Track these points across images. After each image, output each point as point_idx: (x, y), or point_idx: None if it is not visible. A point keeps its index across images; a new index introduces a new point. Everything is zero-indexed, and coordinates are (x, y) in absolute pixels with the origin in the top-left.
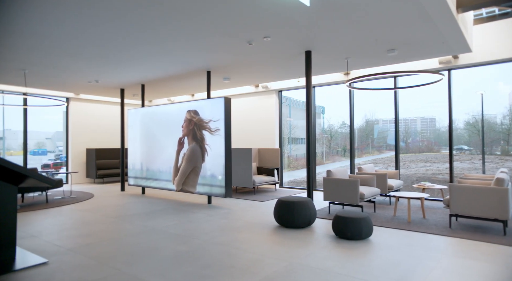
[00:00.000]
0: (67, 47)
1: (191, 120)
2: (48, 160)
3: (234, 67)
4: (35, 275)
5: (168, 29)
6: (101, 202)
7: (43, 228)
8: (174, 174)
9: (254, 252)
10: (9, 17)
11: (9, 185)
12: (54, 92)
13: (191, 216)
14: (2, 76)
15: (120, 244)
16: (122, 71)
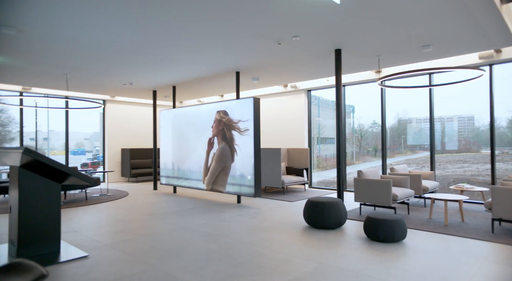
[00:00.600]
0: (104, 53)
1: (220, 121)
2: (86, 160)
3: (263, 67)
4: (77, 268)
5: (198, 32)
6: (135, 200)
7: (83, 223)
8: (204, 173)
9: (283, 252)
10: (53, 26)
11: (54, 182)
12: (92, 95)
13: (221, 215)
14: (47, 81)
15: (154, 241)
16: (154, 74)
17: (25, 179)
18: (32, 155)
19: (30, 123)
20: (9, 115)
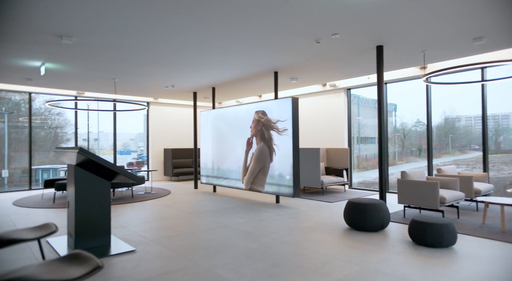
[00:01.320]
0: (149, 57)
1: (259, 121)
2: (132, 159)
3: (301, 66)
4: (126, 261)
5: (236, 33)
6: (177, 198)
7: (130, 219)
8: (243, 173)
9: (324, 253)
10: (103, 34)
11: (105, 180)
12: (137, 98)
13: (260, 214)
14: (98, 86)
15: (196, 238)
16: (194, 76)
17: (80, 177)
18: (86, 154)
19: (83, 125)
20: (65, 118)
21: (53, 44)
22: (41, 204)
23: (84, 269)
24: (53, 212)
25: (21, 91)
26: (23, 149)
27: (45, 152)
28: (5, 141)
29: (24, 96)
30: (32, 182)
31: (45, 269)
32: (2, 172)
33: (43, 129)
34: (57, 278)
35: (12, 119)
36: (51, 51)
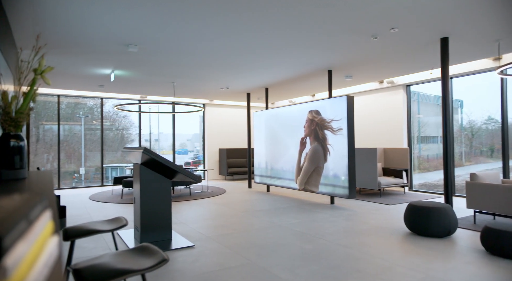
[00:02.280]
0: (205, 61)
1: (312, 120)
2: (188, 159)
3: (356, 64)
4: (186, 256)
5: (289, 33)
6: (232, 197)
7: (188, 216)
8: (296, 173)
9: (383, 258)
10: (163, 40)
11: (166, 179)
12: (193, 100)
13: (314, 215)
14: (158, 89)
15: (250, 237)
16: (248, 77)
17: (144, 175)
18: (150, 154)
19: (145, 126)
20: (130, 120)
21: (121, 52)
22: (111, 199)
23: (152, 261)
24: (121, 207)
25: (94, 97)
26: (96, 149)
27: (113, 152)
28: (82, 142)
29: (96, 101)
30: (103, 179)
31: (119, 259)
32: (79, 169)
33: (112, 131)
34: (131, 267)
35: (87, 122)
36: (119, 59)
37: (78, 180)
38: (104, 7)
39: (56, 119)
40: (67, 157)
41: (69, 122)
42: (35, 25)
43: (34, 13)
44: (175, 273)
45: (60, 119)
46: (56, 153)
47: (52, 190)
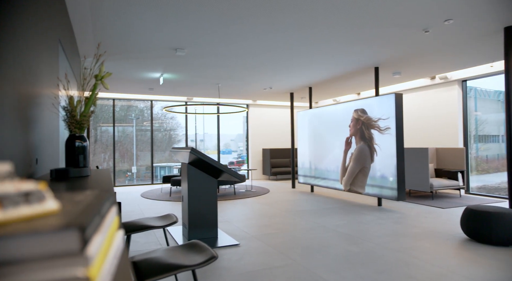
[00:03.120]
0: (248, 62)
1: (358, 119)
2: (232, 159)
3: (405, 60)
4: (231, 254)
5: (334, 30)
6: (275, 197)
7: (233, 215)
8: (341, 173)
9: (437, 265)
10: (208, 43)
11: (212, 178)
12: (237, 100)
13: (360, 217)
14: (204, 91)
15: (295, 237)
16: (291, 77)
17: (192, 174)
18: (197, 154)
19: (191, 127)
20: (177, 121)
21: (169, 56)
22: (160, 196)
23: (202, 257)
24: (170, 204)
25: (144, 100)
26: (146, 149)
27: (162, 151)
28: (134, 142)
29: (146, 103)
30: (153, 178)
31: (171, 254)
32: (132, 168)
33: (160, 132)
34: (183, 263)
35: (138, 124)
36: (168, 63)
37: (131, 178)
38: (155, 14)
39: (112, 121)
40: (120, 156)
41: (122, 124)
42: (96, 35)
43: (95, 24)
44: (221, 270)
45: (115, 121)
46: (111, 152)
47: (112, 187)
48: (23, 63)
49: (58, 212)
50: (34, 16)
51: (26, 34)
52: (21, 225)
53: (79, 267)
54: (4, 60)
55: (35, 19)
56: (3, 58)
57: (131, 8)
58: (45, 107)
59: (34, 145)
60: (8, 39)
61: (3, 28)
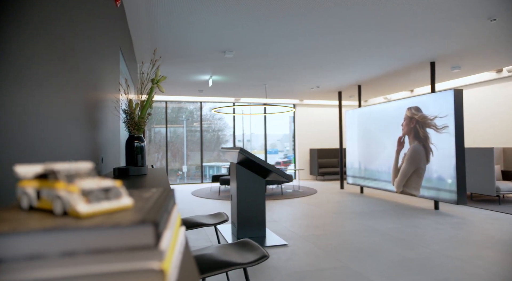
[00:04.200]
0: (295, 62)
1: (412, 118)
2: (278, 159)
3: (467, 52)
4: (280, 253)
5: (386, 25)
6: (323, 198)
7: (280, 215)
8: (393, 174)
9: (505, 276)
10: (255, 45)
11: (260, 177)
12: (283, 100)
13: (415, 221)
14: (250, 91)
15: (344, 239)
16: (339, 75)
17: (240, 173)
18: (245, 154)
19: (238, 127)
20: (224, 122)
21: (218, 59)
22: (210, 195)
23: (253, 256)
24: (219, 203)
25: (194, 101)
26: (196, 149)
27: (210, 151)
28: (184, 142)
29: (196, 105)
30: (203, 177)
31: (222, 252)
32: (182, 167)
33: (209, 132)
34: (235, 260)
35: (188, 125)
36: (216, 65)
37: (182, 177)
38: (206, 19)
39: (164, 122)
40: (172, 156)
41: (173, 125)
42: (151, 41)
43: (151, 32)
44: (270, 269)
45: (167, 122)
46: (164, 152)
47: (170, 186)
48: (91, 72)
49: (132, 208)
50: (100, 29)
51: (94, 46)
52: (103, 219)
53: (154, 261)
54: (78, 71)
55: (101, 31)
56: (77, 70)
57: (183, 15)
58: (108, 110)
59: (99, 145)
60: (81, 52)
61: (77, 44)
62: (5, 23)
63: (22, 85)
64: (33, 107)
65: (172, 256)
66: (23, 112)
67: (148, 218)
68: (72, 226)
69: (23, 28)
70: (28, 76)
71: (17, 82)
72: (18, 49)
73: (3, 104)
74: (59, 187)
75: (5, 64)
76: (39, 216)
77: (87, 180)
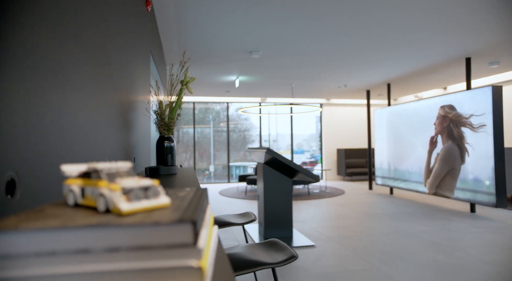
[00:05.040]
0: (322, 60)
1: (445, 117)
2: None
3: (505, 46)
4: (307, 254)
5: (417, 21)
6: (351, 199)
7: (307, 215)
8: (425, 175)
9: None
10: (281, 44)
11: (287, 177)
12: (310, 100)
13: (449, 224)
14: (276, 91)
15: (373, 241)
16: (368, 73)
17: (267, 173)
18: (272, 154)
19: (264, 127)
20: (250, 122)
21: (245, 59)
22: (237, 194)
23: (282, 256)
24: (246, 203)
25: (221, 102)
26: (223, 149)
27: (237, 151)
28: (211, 142)
29: (222, 105)
30: (229, 176)
31: (251, 251)
32: (209, 167)
33: (235, 132)
34: (264, 260)
35: (215, 125)
36: (243, 66)
37: (209, 176)
38: (233, 20)
39: (192, 123)
40: (199, 156)
41: (200, 125)
42: (180, 44)
43: (179, 34)
44: (298, 270)
45: (195, 123)
46: (191, 152)
47: (199, 185)
48: (125, 75)
49: (169, 207)
50: (132, 33)
51: (128, 50)
52: (144, 217)
53: (193, 258)
54: (114, 74)
55: (133, 35)
56: (111, 73)
57: (211, 16)
58: (140, 111)
59: (132, 145)
60: (115, 56)
61: (111, 48)
62: (47, 31)
63: (62, 89)
64: (72, 109)
65: (208, 254)
66: (64, 114)
67: (187, 217)
68: (115, 223)
69: (62, 35)
70: (67, 80)
71: (56, 86)
72: (57, 54)
73: (46, 107)
74: (102, 186)
75: (46, 69)
76: (84, 212)
77: (127, 179)
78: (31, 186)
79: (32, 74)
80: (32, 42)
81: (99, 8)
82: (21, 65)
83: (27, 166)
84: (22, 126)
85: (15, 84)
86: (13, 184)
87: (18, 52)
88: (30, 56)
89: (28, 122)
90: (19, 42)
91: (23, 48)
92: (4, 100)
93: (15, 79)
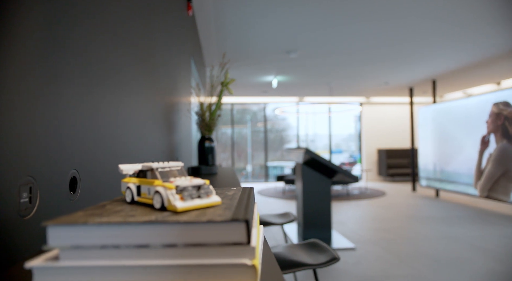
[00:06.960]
0: (362, 58)
1: (499, 114)
2: (343, 159)
3: None
4: (347, 257)
5: (463, 12)
6: (393, 200)
7: (347, 217)
8: (476, 177)
9: None
10: (319, 43)
11: (326, 178)
12: (349, 99)
13: (504, 229)
14: (315, 91)
15: (417, 246)
16: (411, 70)
17: (306, 173)
18: (311, 154)
19: (302, 127)
20: (287, 122)
21: (282, 59)
22: (275, 194)
23: (323, 257)
24: (284, 202)
25: (258, 103)
26: (260, 149)
27: (274, 151)
28: (248, 142)
29: (260, 106)
30: (267, 176)
31: (291, 251)
32: (247, 167)
33: (272, 132)
34: (305, 261)
35: (253, 125)
36: (280, 66)
37: (246, 176)
38: (270, 20)
39: (230, 123)
40: (237, 155)
41: (238, 125)
42: (219, 46)
43: (218, 36)
44: (339, 272)
45: (233, 123)
46: (230, 152)
47: (240, 184)
48: (169, 79)
49: (221, 205)
50: (174, 37)
51: (169, 53)
52: (197, 215)
53: (247, 256)
54: (159, 78)
55: (175, 39)
56: (159, 76)
57: (249, 17)
58: (182, 113)
59: (175, 145)
60: (159, 60)
61: (156, 52)
62: (99, 38)
63: (117, 92)
64: (125, 111)
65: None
66: (118, 116)
67: (240, 216)
68: (172, 220)
69: (118, 44)
70: (122, 84)
71: (112, 90)
72: (114, 60)
73: (103, 109)
74: (157, 184)
75: (103, 74)
76: (142, 209)
77: (180, 178)
78: (89, 183)
79: (91, 78)
80: (94, 50)
81: (144, 14)
82: (81, 69)
83: (86, 165)
84: (82, 127)
85: (75, 89)
86: (75, 182)
87: (82, 58)
88: (92, 61)
89: (87, 124)
90: (84, 50)
91: (86, 54)
92: (68, 104)
93: (75, 82)
